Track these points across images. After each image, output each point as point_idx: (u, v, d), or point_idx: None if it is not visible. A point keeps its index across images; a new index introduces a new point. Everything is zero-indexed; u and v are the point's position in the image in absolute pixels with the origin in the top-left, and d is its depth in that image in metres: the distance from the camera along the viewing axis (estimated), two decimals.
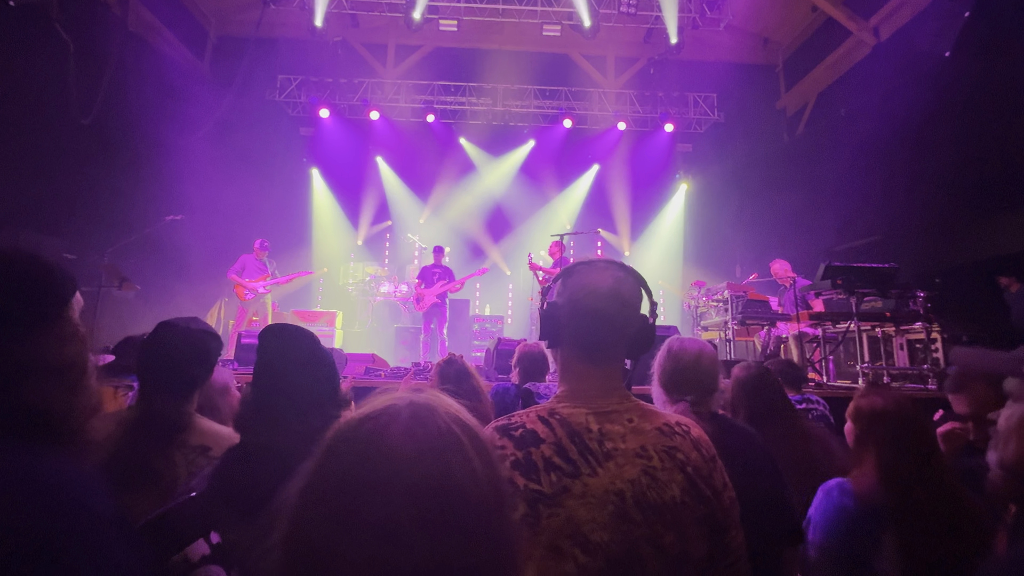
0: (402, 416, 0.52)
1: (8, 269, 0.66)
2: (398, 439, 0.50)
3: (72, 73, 5.62)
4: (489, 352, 4.57)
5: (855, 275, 4.23)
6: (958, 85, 5.62)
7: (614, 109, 8.98)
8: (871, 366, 4.46)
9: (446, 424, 0.53)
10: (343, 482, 0.49)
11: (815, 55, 8.16)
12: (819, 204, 7.40)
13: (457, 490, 0.50)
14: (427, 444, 0.51)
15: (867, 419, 1.44)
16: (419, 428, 0.52)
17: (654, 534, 0.80)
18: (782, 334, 5.27)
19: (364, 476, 0.49)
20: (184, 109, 7.05)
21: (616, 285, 0.92)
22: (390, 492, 0.48)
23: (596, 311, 0.91)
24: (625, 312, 0.92)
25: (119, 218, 5.93)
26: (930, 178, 5.98)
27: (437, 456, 0.50)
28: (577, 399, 0.91)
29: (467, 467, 0.52)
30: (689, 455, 0.87)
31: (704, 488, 0.85)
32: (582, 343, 0.93)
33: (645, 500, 0.81)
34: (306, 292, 9.32)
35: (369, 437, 0.51)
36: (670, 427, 0.89)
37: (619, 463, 0.83)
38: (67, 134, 5.68)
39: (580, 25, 7.74)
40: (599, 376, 0.92)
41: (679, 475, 0.84)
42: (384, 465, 0.49)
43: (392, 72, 9.14)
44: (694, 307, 6.42)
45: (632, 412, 0.90)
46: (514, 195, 9.68)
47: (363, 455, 0.50)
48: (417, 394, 0.56)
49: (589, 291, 0.92)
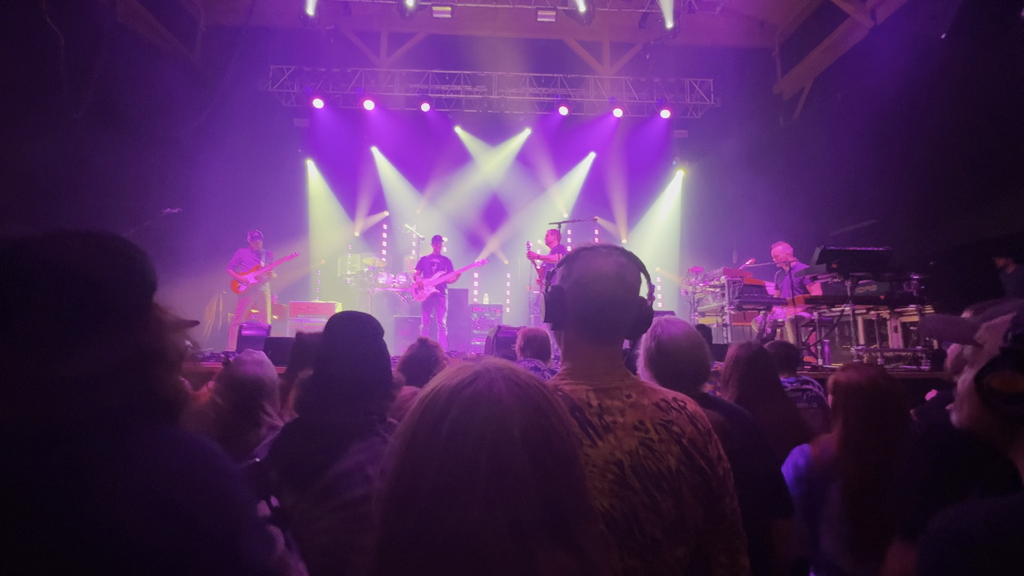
0: (497, 378, 0.60)
1: (116, 255, 0.64)
2: (505, 396, 0.58)
3: (63, 66, 5.55)
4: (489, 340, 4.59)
5: (850, 259, 4.27)
6: (954, 67, 5.61)
7: (610, 96, 8.93)
8: (866, 348, 4.52)
9: (532, 381, 0.62)
10: (460, 435, 0.56)
11: (812, 38, 8.10)
12: (815, 188, 7.42)
13: (555, 434, 0.59)
14: (526, 398, 0.59)
15: (841, 391, 1.61)
16: (515, 387, 0.60)
17: (652, 501, 0.85)
18: (778, 318, 5.32)
19: (482, 432, 0.56)
20: (176, 101, 6.98)
21: (620, 270, 0.97)
22: (509, 441, 0.56)
23: (601, 294, 0.95)
24: (628, 295, 0.97)
25: (116, 212, 5.90)
26: (925, 161, 6.00)
27: (536, 407, 0.59)
28: (580, 377, 0.95)
29: (556, 415, 0.61)
30: (685, 428, 0.91)
31: (699, 459, 0.90)
32: (587, 324, 0.98)
33: (643, 469, 0.86)
34: (304, 284, 9.32)
35: (477, 395, 0.58)
36: (667, 402, 0.94)
37: (618, 436, 0.88)
38: (59, 128, 5.62)
39: (575, 11, 7.67)
40: (602, 355, 0.97)
41: (675, 447, 0.89)
42: (497, 416, 0.57)
43: (386, 61, 9.04)
44: (691, 293, 6.46)
45: (631, 388, 0.95)
46: (511, 184, 9.65)
47: (477, 410, 0.57)
48: (491, 361, 0.64)
49: (595, 276, 0.96)
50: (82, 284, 0.59)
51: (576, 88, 8.94)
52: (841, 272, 4.25)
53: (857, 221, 7.01)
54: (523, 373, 0.63)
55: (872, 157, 6.62)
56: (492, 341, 4.47)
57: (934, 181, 5.96)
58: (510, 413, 0.57)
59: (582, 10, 7.56)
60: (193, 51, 8.25)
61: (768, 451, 1.52)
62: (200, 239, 7.04)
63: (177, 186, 6.54)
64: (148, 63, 6.76)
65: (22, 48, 5.28)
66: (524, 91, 8.89)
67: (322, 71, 8.66)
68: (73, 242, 0.61)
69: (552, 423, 0.60)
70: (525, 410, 0.58)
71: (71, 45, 5.64)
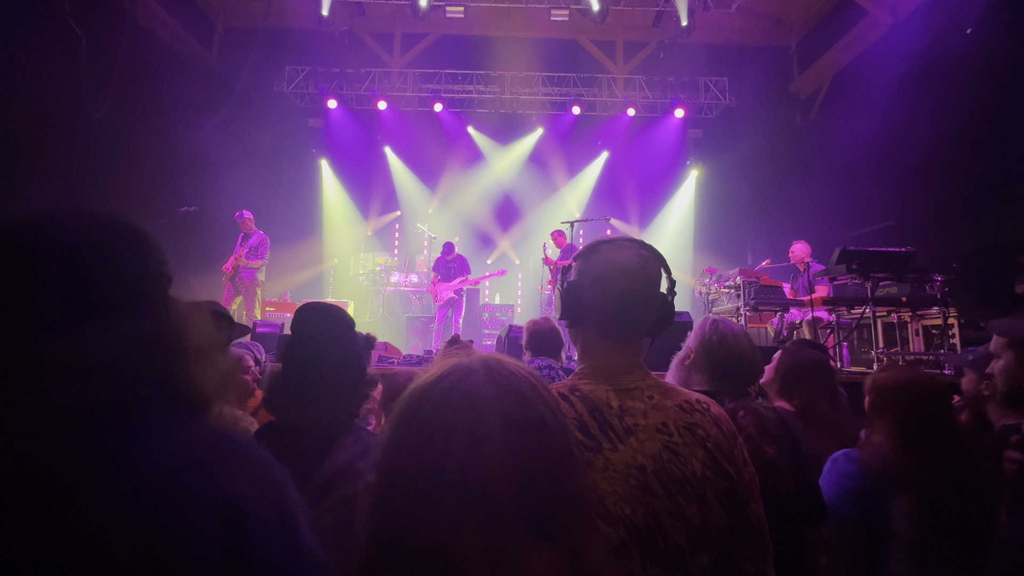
0: (476, 369, 0.57)
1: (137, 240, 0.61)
2: (481, 386, 0.56)
3: (84, 67, 5.66)
4: (500, 339, 4.60)
5: (870, 259, 4.16)
6: (980, 63, 5.46)
7: (623, 95, 8.86)
8: (886, 352, 4.41)
9: (517, 370, 0.59)
10: (434, 430, 0.53)
11: (830, 36, 7.96)
12: (833, 189, 7.28)
13: (540, 422, 0.56)
14: (507, 386, 0.56)
15: (883, 391, 1.48)
16: (496, 375, 0.57)
17: (676, 506, 0.82)
18: (795, 320, 5.23)
19: (454, 426, 0.53)
20: (194, 101, 7.08)
21: (642, 264, 0.93)
22: (484, 434, 0.52)
23: (624, 290, 0.92)
24: (650, 291, 0.94)
25: (133, 210, 6.00)
26: (947, 160, 5.85)
27: (520, 397, 0.56)
28: (599, 376, 0.92)
29: (543, 402, 0.57)
30: (709, 431, 0.88)
31: (724, 463, 0.87)
32: (608, 322, 0.94)
33: (667, 474, 0.83)
34: (317, 283, 9.40)
35: (452, 387, 0.56)
36: (690, 404, 0.91)
37: (640, 439, 0.85)
38: (81, 127, 5.74)
39: (588, 10, 7.62)
40: (623, 354, 0.93)
41: (700, 450, 0.86)
42: (473, 407, 0.54)
43: (399, 61, 9.09)
44: (705, 294, 6.39)
45: (653, 389, 0.91)
46: (523, 184, 9.63)
47: (451, 403, 0.54)
48: (479, 354, 0.61)
49: (617, 271, 0.92)
50: (92, 260, 0.55)
51: (589, 87, 8.89)
52: (861, 273, 4.15)
53: (875, 222, 6.86)
54: (509, 363, 0.59)
55: (891, 157, 6.48)
56: (503, 340, 4.46)
57: (955, 181, 5.82)
58: (486, 405, 0.54)
59: (596, 9, 7.51)
60: (211, 52, 8.38)
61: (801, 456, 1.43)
62: (216, 237, 7.13)
63: (194, 185, 6.62)
64: (167, 64, 6.87)
65: (46, 49, 5.40)
66: (537, 91, 8.87)
67: (336, 72, 8.73)
68: (84, 221, 0.58)
69: (541, 413, 0.56)
70: (507, 400, 0.54)
71: (92, 47, 5.75)
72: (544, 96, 8.92)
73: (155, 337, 0.57)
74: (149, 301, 0.59)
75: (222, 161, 7.17)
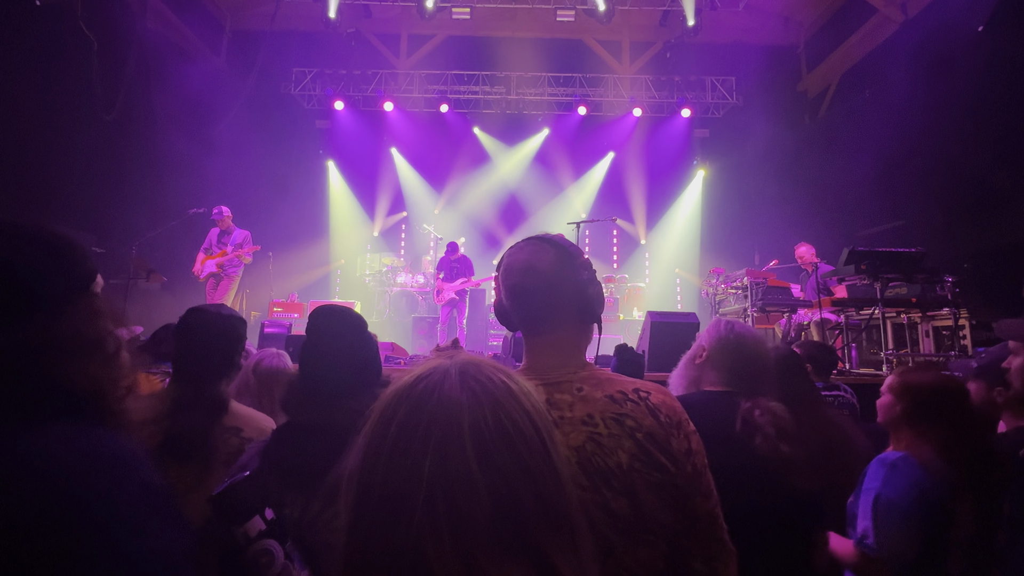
0: (452, 371, 0.56)
1: (38, 245, 0.63)
2: (454, 390, 0.54)
3: (96, 70, 5.73)
4: (506, 340, 4.62)
5: (880, 260, 4.12)
6: (992, 60, 5.39)
7: (629, 95, 8.84)
8: (895, 353, 4.37)
9: (494, 373, 0.57)
10: (406, 436, 0.52)
11: (838, 34, 7.89)
12: (841, 189, 7.21)
13: (517, 432, 0.53)
14: (481, 391, 0.54)
15: (918, 394, 1.45)
16: (471, 379, 0.55)
17: (602, 499, 0.81)
18: (803, 321, 5.19)
19: (427, 431, 0.52)
20: (202, 103, 7.15)
21: (529, 258, 0.95)
22: (455, 441, 0.51)
23: (516, 287, 0.95)
24: (546, 281, 0.93)
25: (144, 212, 6.07)
26: (957, 159, 5.77)
27: (492, 400, 0.54)
28: (530, 372, 0.94)
29: (521, 410, 0.55)
30: (642, 422, 0.86)
31: (659, 455, 0.84)
32: (522, 321, 0.97)
33: (591, 465, 0.83)
34: (324, 283, 9.45)
35: (425, 392, 0.54)
36: (623, 394, 0.89)
37: (565, 431, 0.85)
38: (92, 130, 5.81)
39: (594, 10, 7.61)
40: (546, 347, 0.95)
41: (627, 441, 0.84)
42: (444, 413, 0.52)
43: (405, 63, 9.12)
44: (712, 294, 6.35)
45: (584, 381, 0.91)
46: (529, 184, 9.64)
47: (424, 408, 0.53)
48: (460, 356, 0.59)
49: (509, 271, 0.97)
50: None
51: (595, 87, 8.88)
52: (870, 274, 4.11)
53: (884, 222, 6.79)
54: (487, 366, 0.57)
55: (901, 156, 6.41)
56: (509, 342, 4.47)
57: (966, 181, 5.74)
58: (459, 410, 0.52)
59: (602, 9, 7.50)
60: (219, 55, 8.45)
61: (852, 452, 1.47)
62: None
63: (203, 186, 6.68)
64: (176, 67, 6.94)
65: (58, 53, 5.47)
66: (543, 91, 8.86)
67: (343, 73, 8.78)
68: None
69: (516, 420, 0.53)
70: (479, 406, 0.53)
71: (103, 50, 5.82)
72: (550, 96, 8.92)
73: (45, 341, 0.59)
74: (43, 305, 0.61)
75: (232, 163, 7.24)
